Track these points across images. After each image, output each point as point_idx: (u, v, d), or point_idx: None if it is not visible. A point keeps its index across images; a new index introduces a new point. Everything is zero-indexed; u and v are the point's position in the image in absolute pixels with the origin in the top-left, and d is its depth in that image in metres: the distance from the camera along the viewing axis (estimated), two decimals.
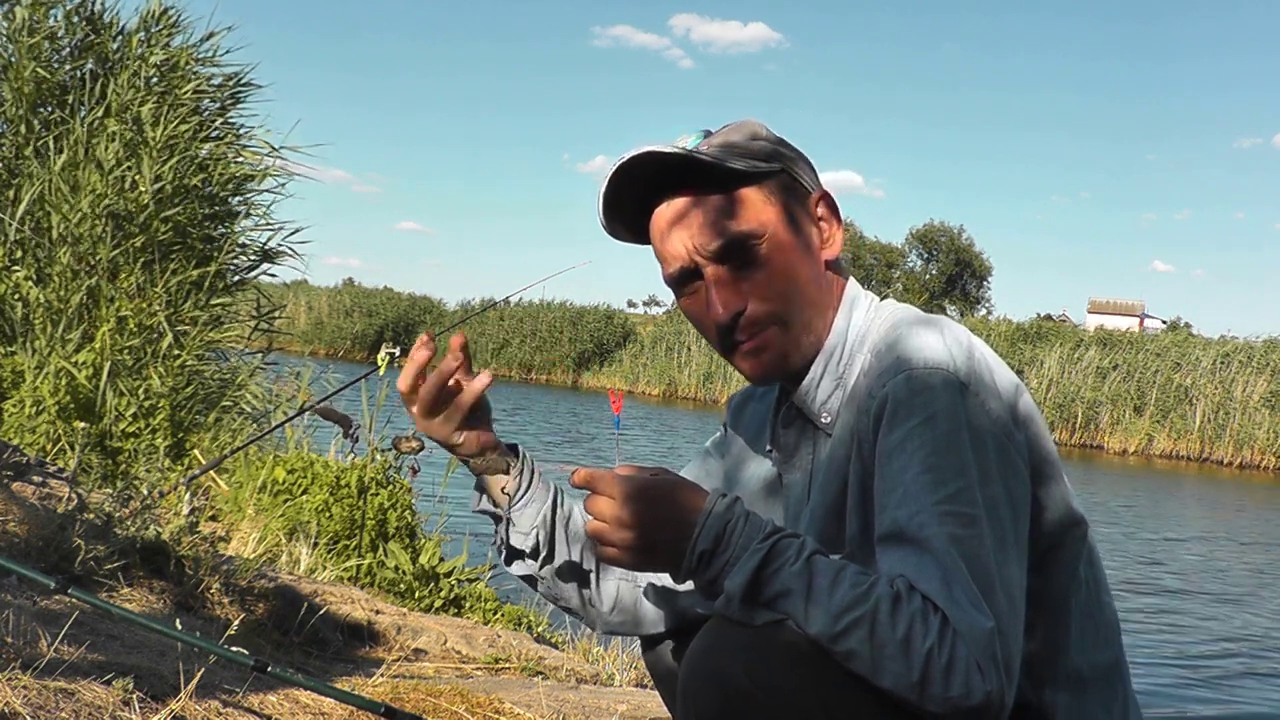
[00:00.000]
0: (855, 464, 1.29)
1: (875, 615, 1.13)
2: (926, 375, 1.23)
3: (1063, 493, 1.32)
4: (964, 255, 55.93)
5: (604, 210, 1.41)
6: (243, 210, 6.92)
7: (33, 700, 1.74)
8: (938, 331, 1.29)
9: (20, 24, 6.26)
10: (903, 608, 1.13)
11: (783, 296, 1.37)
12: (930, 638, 1.11)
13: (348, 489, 4.50)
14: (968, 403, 1.22)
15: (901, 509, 1.19)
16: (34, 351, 5.43)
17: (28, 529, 2.62)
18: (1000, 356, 1.34)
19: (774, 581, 1.17)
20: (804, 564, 1.17)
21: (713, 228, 1.36)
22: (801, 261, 1.38)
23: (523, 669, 3.20)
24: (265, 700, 2.13)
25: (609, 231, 1.45)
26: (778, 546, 1.19)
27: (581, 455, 16.42)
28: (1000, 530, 1.19)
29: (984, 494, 1.19)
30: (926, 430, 1.21)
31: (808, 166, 1.44)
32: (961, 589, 1.14)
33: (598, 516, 1.24)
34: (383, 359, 3.84)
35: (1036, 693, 1.27)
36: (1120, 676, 1.35)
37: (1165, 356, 29.80)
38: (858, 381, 1.33)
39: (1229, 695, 7.04)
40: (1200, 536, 14.72)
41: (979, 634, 1.11)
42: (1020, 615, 1.18)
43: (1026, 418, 1.29)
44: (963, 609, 1.13)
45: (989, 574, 1.16)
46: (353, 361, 33.24)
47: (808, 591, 1.16)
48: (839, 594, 1.15)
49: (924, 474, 1.19)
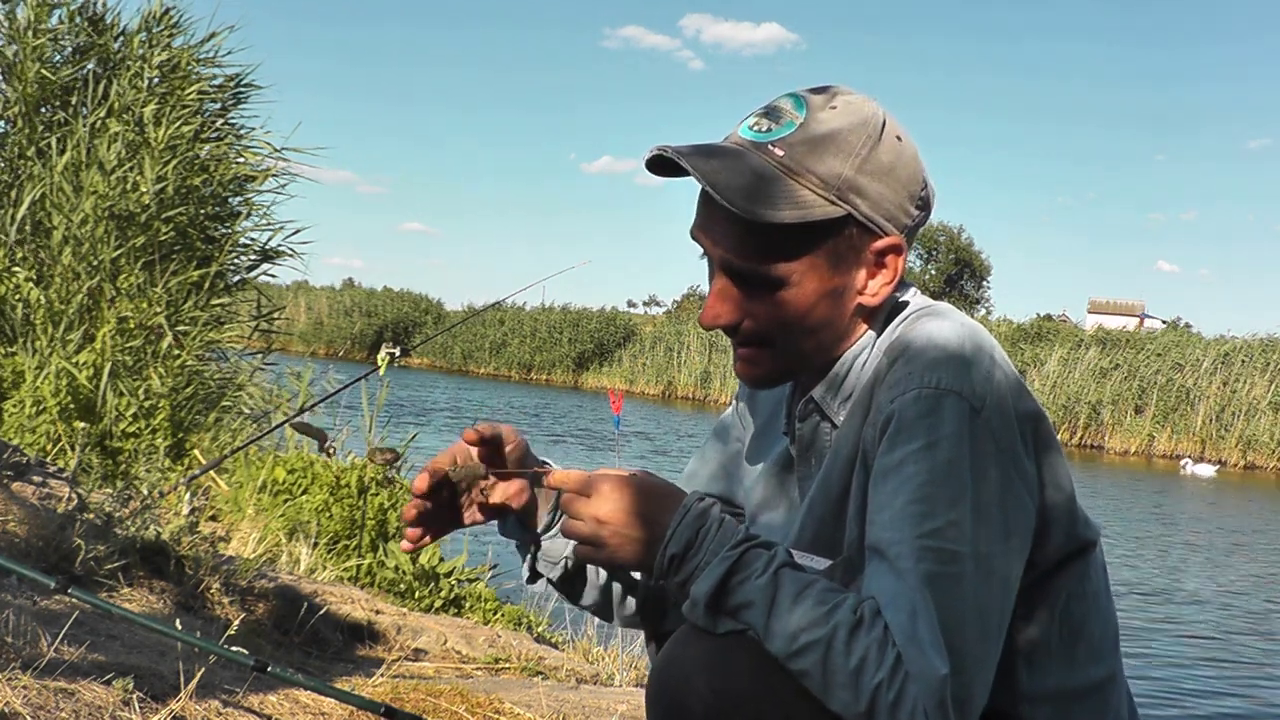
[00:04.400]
0: (859, 472, 1.25)
1: (832, 640, 1.11)
2: (937, 396, 1.17)
3: (1071, 518, 1.26)
4: (963, 255, 55.90)
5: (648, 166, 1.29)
6: (244, 210, 6.92)
7: (33, 700, 1.74)
8: (962, 345, 1.21)
9: (24, 24, 6.26)
10: (860, 636, 1.11)
11: (782, 331, 1.29)
12: (882, 672, 1.10)
13: (348, 489, 4.51)
14: (975, 429, 1.17)
15: (886, 533, 1.16)
16: (35, 352, 5.43)
17: (28, 529, 2.62)
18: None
19: (738, 592, 1.16)
20: (770, 577, 1.16)
21: (733, 251, 1.26)
22: (821, 306, 1.28)
23: (523, 669, 3.20)
24: (265, 700, 2.13)
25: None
26: (745, 557, 1.17)
27: (583, 454, 16.44)
28: (986, 566, 1.15)
29: (975, 528, 1.15)
30: (926, 456, 1.16)
31: (904, 195, 1.27)
32: (926, 627, 1.11)
33: (574, 515, 1.24)
34: (383, 359, 3.84)
35: (1014, 705, 1.25)
36: (1115, 689, 1.32)
37: (1166, 356, 29.78)
38: (873, 385, 1.27)
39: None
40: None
41: (930, 679, 1.09)
42: (991, 653, 1.16)
43: (1041, 445, 1.23)
44: (921, 649, 1.10)
45: (960, 614, 1.13)
46: (353, 361, 33.24)
47: (770, 606, 1.14)
48: (799, 612, 1.13)
49: (913, 503, 1.15)
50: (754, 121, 1.28)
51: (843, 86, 1.31)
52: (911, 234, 1.31)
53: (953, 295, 55.37)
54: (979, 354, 1.21)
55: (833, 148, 1.24)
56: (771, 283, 1.26)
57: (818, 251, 1.25)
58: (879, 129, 1.27)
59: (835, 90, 1.29)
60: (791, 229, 1.24)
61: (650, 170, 1.29)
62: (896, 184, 1.27)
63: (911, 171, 1.29)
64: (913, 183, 1.29)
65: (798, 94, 1.29)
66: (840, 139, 1.25)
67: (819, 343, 1.30)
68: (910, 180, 1.28)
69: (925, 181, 1.31)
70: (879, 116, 1.28)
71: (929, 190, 1.31)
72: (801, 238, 1.24)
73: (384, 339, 13.87)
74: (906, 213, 1.28)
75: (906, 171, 1.28)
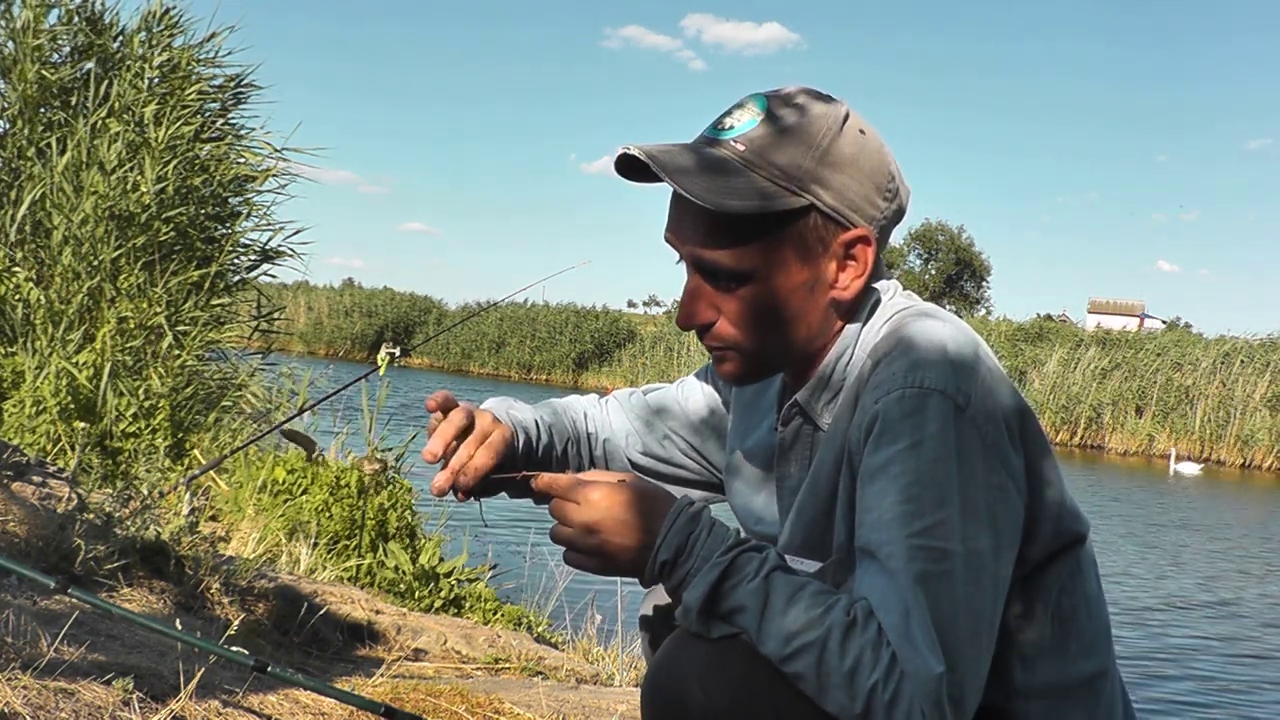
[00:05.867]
0: (845, 474, 1.25)
1: (826, 642, 1.12)
2: (921, 395, 1.18)
3: (1060, 512, 1.27)
4: (964, 255, 55.89)
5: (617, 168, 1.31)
6: (244, 211, 6.93)
7: (33, 700, 1.74)
8: (944, 342, 1.21)
9: (23, 24, 6.26)
10: (855, 637, 1.12)
11: (755, 330, 1.30)
12: (877, 673, 1.11)
13: (348, 489, 4.51)
14: (961, 426, 1.17)
15: (876, 534, 1.17)
16: (35, 352, 5.43)
17: (28, 529, 2.62)
18: (1001, 357, 1.30)
19: (731, 597, 1.17)
20: (762, 581, 1.16)
21: (699, 246, 1.28)
22: (793, 299, 1.28)
23: (523, 669, 3.20)
24: (265, 700, 2.13)
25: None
26: (737, 561, 1.18)
27: None
28: (976, 563, 1.15)
29: (963, 526, 1.15)
30: (911, 456, 1.16)
31: (869, 186, 1.28)
32: (919, 626, 1.11)
33: (562, 521, 1.24)
34: (383, 359, 3.84)
35: (1008, 700, 1.25)
36: (1107, 683, 1.32)
37: (1166, 356, 29.77)
38: (858, 387, 1.27)
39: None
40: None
41: (925, 678, 1.10)
42: (984, 650, 1.16)
43: (1028, 441, 1.23)
44: (915, 648, 1.11)
45: (953, 612, 1.13)
46: (353, 361, 33.24)
47: (763, 610, 1.15)
48: (792, 615, 1.14)
49: (902, 504, 1.16)
50: (718, 120, 1.30)
51: (810, 87, 1.32)
52: (884, 228, 1.31)
53: (953, 295, 55.40)
54: (963, 353, 1.22)
55: (793, 140, 1.26)
56: (740, 276, 1.27)
57: (784, 244, 1.26)
58: (839, 121, 1.28)
59: (802, 89, 1.31)
60: (755, 220, 1.25)
61: (620, 174, 1.30)
62: (860, 175, 1.28)
63: (876, 164, 1.29)
64: (878, 174, 1.29)
65: (761, 94, 1.31)
66: (801, 131, 1.26)
67: (792, 338, 1.31)
68: (875, 172, 1.29)
69: (893, 175, 1.31)
70: (840, 110, 1.29)
71: (897, 184, 1.32)
72: (766, 229, 1.25)
73: (384, 339, 13.86)
74: (874, 204, 1.29)
75: (870, 163, 1.28)
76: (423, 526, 4.82)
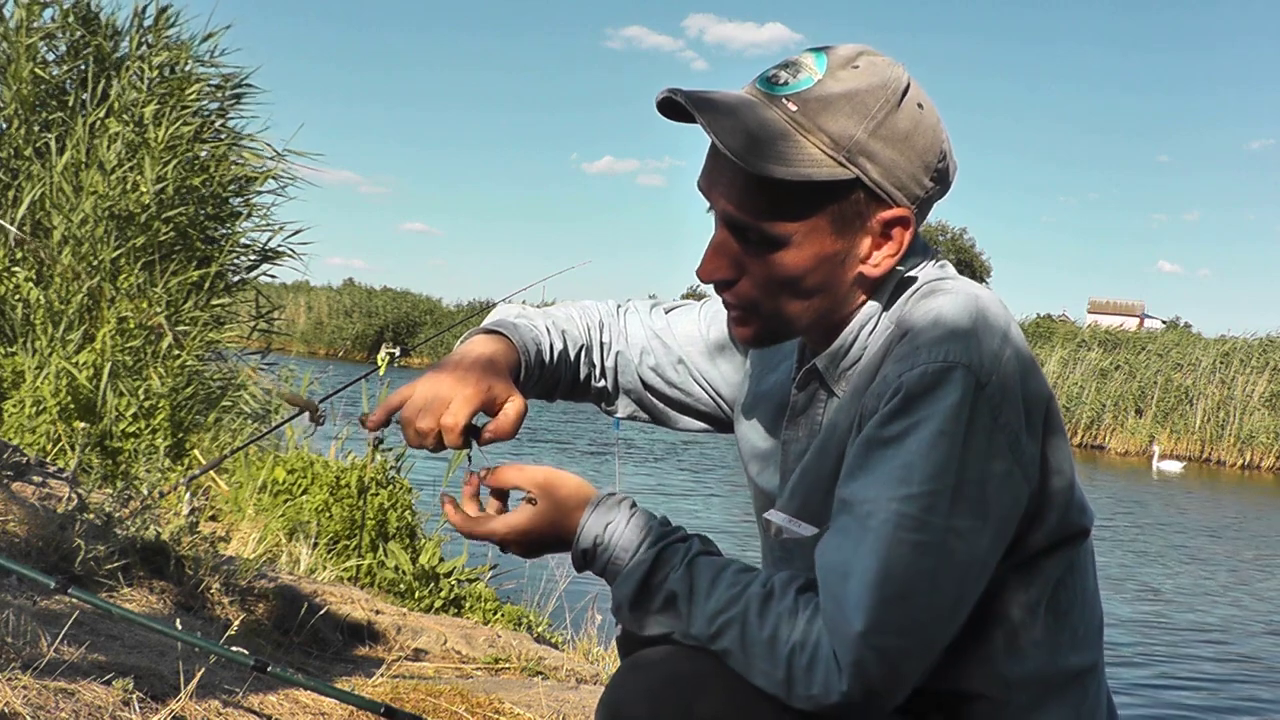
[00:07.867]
0: (854, 439, 1.22)
1: (745, 615, 1.16)
2: (943, 370, 1.15)
3: (1068, 504, 1.25)
4: (965, 255, 55.88)
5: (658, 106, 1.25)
6: (244, 211, 6.93)
7: (33, 700, 1.74)
8: (973, 322, 1.18)
9: (17, 23, 6.26)
10: (771, 606, 1.16)
11: (778, 295, 1.26)
12: (794, 636, 1.14)
13: (348, 489, 4.50)
14: (977, 405, 1.14)
15: (862, 490, 1.16)
16: (34, 352, 5.42)
17: (28, 529, 2.62)
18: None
19: (661, 589, 1.21)
20: (685, 568, 1.20)
21: (734, 204, 1.22)
22: (819, 270, 1.23)
23: (523, 669, 3.20)
24: (265, 700, 2.13)
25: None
26: (663, 555, 1.21)
27: (582, 456, 16.44)
28: (953, 543, 1.13)
29: (953, 503, 1.13)
30: (921, 430, 1.14)
31: (918, 164, 1.22)
32: (856, 587, 1.11)
33: (490, 530, 1.29)
34: (383, 359, 3.84)
35: (992, 688, 1.24)
36: (1095, 680, 1.31)
37: (1166, 356, 29.77)
38: (879, 359, 1.24)
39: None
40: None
41: (844, 635, 1.11)
42: (938, 631, 1.15)
43: (1047, 428, 1.21)
44: (839, 607, 1.12)
45: (911, 583, 1.12)
46: (353, 362, 33.22)
47: (689, 595, 1.19)
48: (715, 595, 1.18)
49: (896, 469, 1.14)
50: (772, 73, 1.23)
51: (870, 48, 1.26)
52: (924, 206, 1.26)
53: None
54: (989, 331, 1.18)
55: (848, 107, 1.19)
56: (772, 241, 1.22)
57: (822, 214, 1.21)
58: (900, 93, 1.22)
59: (862, 50, 1.24)
60: (796, 187, 1.19)
61: (661, 113, 1.25)
62: (911, 152, 1.22)
63: (929, 141, 1.23)
64: (929, 153, 1.23)
65: (821, 49, 1.24)
66: (857, 99, 1.20)
67: (812, 307, 1.26)
68: (927, 150, 1.23)
69: (944, 153, 1.25)
70: (902, 80, 1.23)
71: (948, 162, 1.26)
72: (806, 197, 1.20)
73: (384, 339, 13.86)
74: (919, 183, 1.23)
75: (924, 140, 1.22)
76: (423, 526, 4.82)
